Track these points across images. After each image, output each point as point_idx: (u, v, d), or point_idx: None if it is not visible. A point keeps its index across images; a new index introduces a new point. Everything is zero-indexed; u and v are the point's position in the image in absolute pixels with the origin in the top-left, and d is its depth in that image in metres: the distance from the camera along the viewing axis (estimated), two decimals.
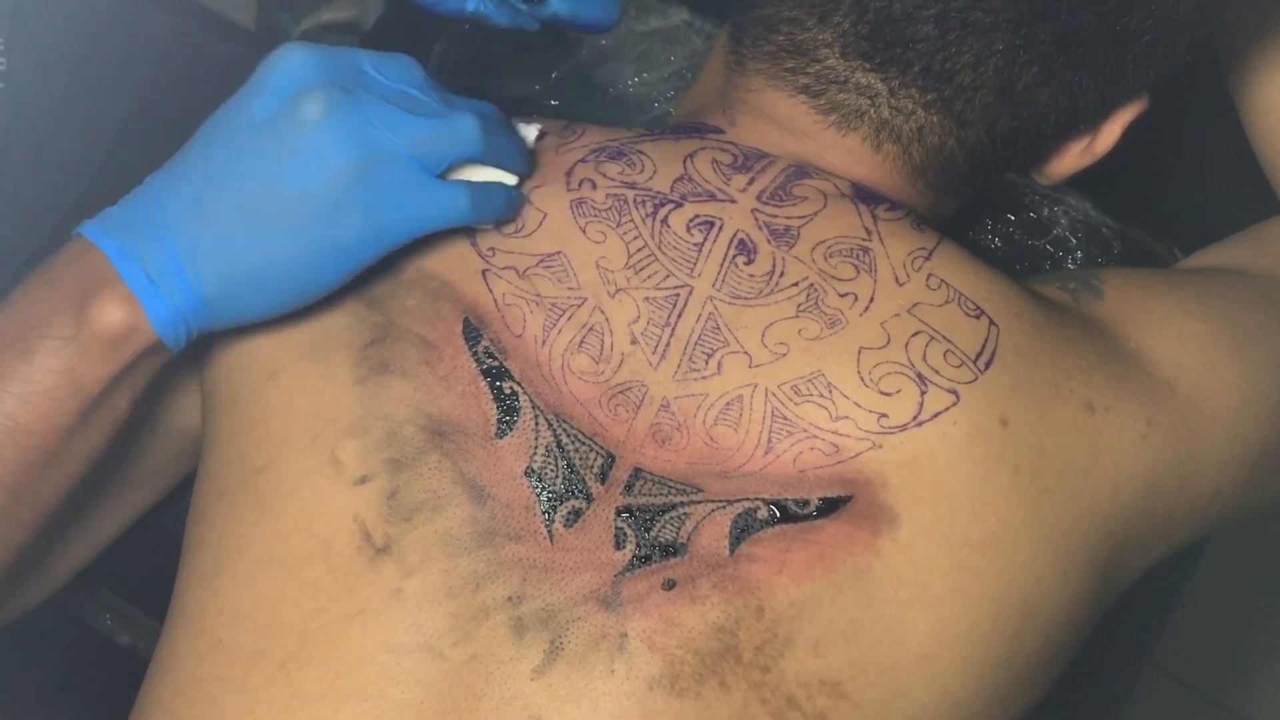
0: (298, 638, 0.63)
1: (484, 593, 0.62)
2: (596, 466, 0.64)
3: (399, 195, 0.63)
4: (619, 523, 0.63)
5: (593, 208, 0.68)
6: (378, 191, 0.63)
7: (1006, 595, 0.64)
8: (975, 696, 0.64)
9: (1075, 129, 0.73)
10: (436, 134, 0.64)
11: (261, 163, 0.62)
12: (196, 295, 0.63)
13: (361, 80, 0.64)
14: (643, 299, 0.66)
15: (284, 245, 0.62)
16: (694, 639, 0.61)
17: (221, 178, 0.62)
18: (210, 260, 0.62)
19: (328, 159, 0.62)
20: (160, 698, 0.66)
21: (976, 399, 0.65)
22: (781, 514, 0.63)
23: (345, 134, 0.62)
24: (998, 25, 0.66)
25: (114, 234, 0.63)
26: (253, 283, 0.63)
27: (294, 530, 0.64)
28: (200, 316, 0.64)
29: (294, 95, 0.62)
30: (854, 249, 0.68)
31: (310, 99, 0.62)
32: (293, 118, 0.62)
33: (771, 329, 0.66)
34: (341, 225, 0.62)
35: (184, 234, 0.62)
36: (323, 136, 0.62)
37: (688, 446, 0.65)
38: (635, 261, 0.67)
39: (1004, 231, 0.95)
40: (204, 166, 0.62)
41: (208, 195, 0.62)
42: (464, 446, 0.64)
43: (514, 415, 0.65)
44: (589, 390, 0.66)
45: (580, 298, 0.66)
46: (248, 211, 0.62)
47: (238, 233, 0.62)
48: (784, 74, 0.71)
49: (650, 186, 0.69)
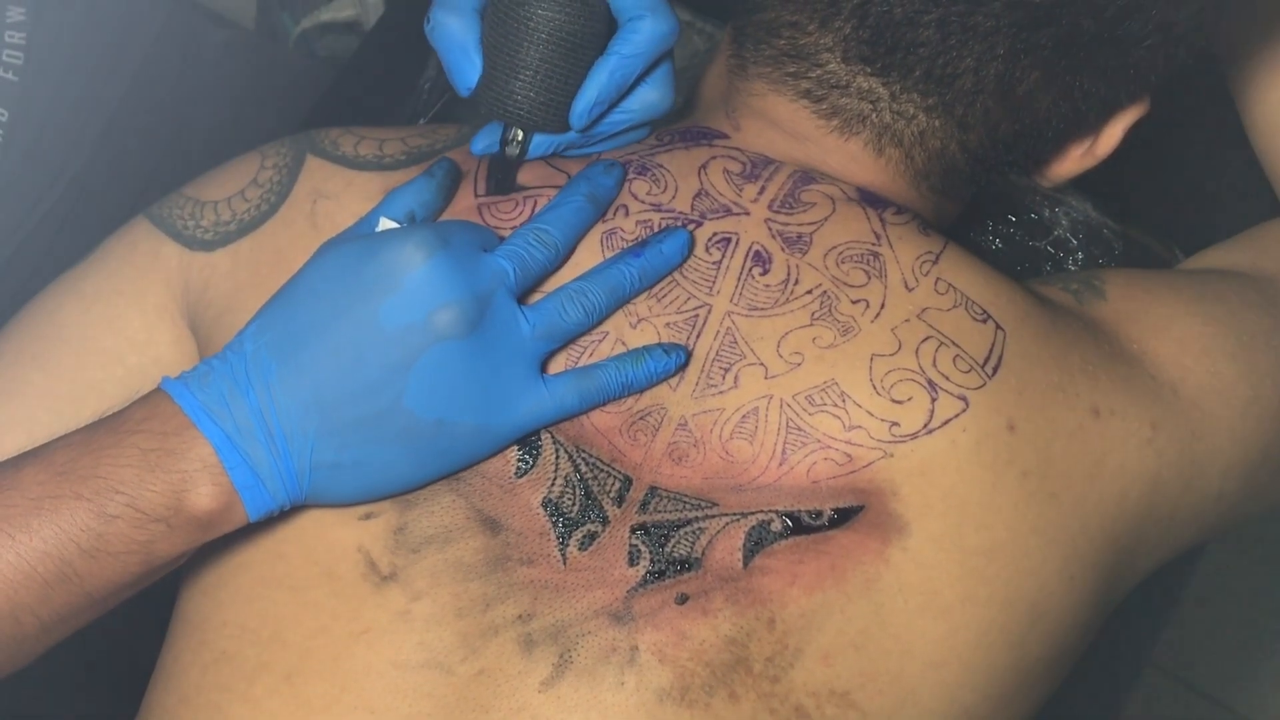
0: (302, 653, 0.62)
1: (494, 612, 0.62)
2: (614, 491, 0.64)
3: (514, 402, 0.62)
4: (633, 540, 0.63)
5: (621, 239, 0.68)
6: (496, 403, 0.62)
7: (1014, 601, 0.64)
8: (983, 702, 0.64)
9: (1076, 132, 0.73)
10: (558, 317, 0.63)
11: (394, 381, 0.60)
12: (301, 492, 0.62)
13: (474, 266, 0.61)
14: (663, 325, 0.66)
15: (402, 454, 0.61)
16: (705, 651, 0.61)
17: (347, 387, 0.60)
18: (323, 467, 0.61)
19: (464, 390, 0.61)
20: (165, 705, 0.66)
21: (985, 405, 0.65)
22: (795, 526, 0.63)
23: (479, 354, 0.60)
24: (999, 30, 0.66)
25: (219, 420, 0.60)
26: (362, 483, 0.62)
27: (296, 555, 0.64)
28: (296, 503, 0.62)
29: (431, 312, 0.60)
30: (864, 254, 0.68)
31: (450, 320, 0.60)
32: (431, 338, 0.60)
33: (787, 338, 0.66)
34: (458, 436, 0.61)
35: (299, 439, 0.60)
36: (462, 362, 0.60)
37: (704, 462, 0.65)
38: (657, 290, 0.67)
39: (1005, 233, 0.95)
40: (328, 370, 0.60)
41: (331, 405, 0.60)
42: (481, 488, 0.64)
43: (535, 455, 0.64)
44: (611, 420, 0.65)
45: (603, 333, 0.66)
46: (372, 426, 0.60)
47: (358, 445, 0.61)
48: (786, 78, 0.71)
49: (674, 207, 0.69)
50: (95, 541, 0.59)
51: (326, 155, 0.73)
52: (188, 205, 0.74)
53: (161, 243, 0.73)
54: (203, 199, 0.74)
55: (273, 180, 0.73)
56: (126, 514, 0.59)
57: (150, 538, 0.59)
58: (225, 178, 0.74)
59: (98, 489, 0.59)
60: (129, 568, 0.60)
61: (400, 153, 0.73)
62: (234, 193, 0.73)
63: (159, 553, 0.60)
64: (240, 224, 0.72)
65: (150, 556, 0.60)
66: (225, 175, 0.75)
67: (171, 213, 0.74)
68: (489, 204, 0.69)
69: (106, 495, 0.59)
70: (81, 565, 0.59)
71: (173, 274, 0.72)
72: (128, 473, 0.59)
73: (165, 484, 0.59)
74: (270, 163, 0.74)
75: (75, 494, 0.58)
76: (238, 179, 0.74)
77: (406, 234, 0.61)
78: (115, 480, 0.59)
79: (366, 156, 0.73)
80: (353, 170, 0.72)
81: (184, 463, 0.59)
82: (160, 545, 0.60)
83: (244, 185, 0.73)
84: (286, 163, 0.73)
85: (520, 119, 0.68)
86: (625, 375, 0.64)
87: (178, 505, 0.59)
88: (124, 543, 0.59)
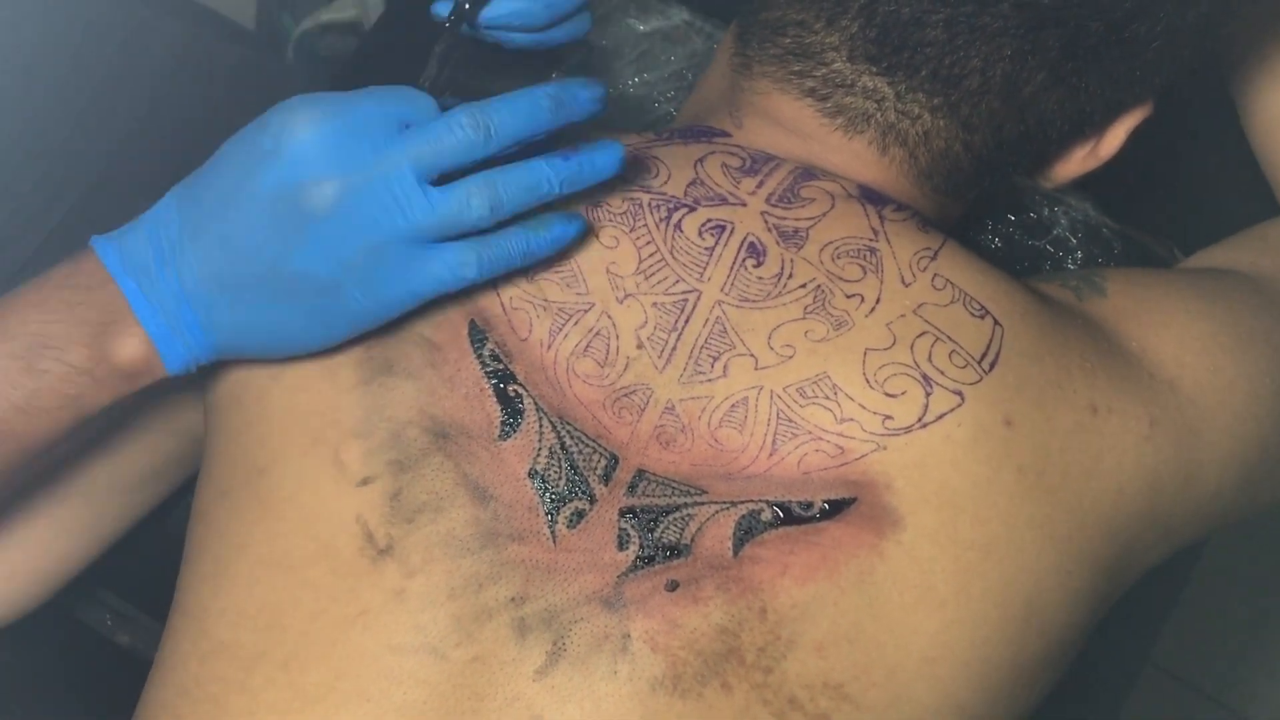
0: (299, 638, 0.63)
1: (486, 593, 0.62)
2: (600, 468, 0.64)
3: (403, 272, 0.62)
4: (622, 524, 0.63)
5: (608, 212, 0.68)
6: (382, 274, 0.62)
7: (1010, 597, 0.64)
8: (978, 698, 0.64)
9: (1080, 134, 0.73)
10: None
11: (271, 243, 0.61)
12: (210, 344, 0.64)
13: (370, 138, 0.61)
14: (651, 304, 0.66)
15: (293, 314, 0.63)
16: (696, 640, 0.61)
17: (234, 247, 0.62)
18: (224, 318, 0.63)
19: (330, 251, 0.61)
20: (163, 699, 0.66)
21: (981, 400, 0.65)
22: (785, 516, 0.63)
23: (348, 226, 0.61)
24: (1007, 31, 0.66)
25: (134, 273, 0.63)
26: (263, 339, 0.64)
27: (296, 532, 0.64)
28: (210, 357, 0.64)
29: (300, 181, 0.61)
30: (861, 249, 0.68)
31: (315, 192, 0.60)
32: (299, 206, 0.61)
33: (778, 331, 0.66)
34: (346, 301, 0.62)
35: (201, 291, 0.62)
36: (326, 230, 0.61)
37: (692, 448, 0.65)
38: (646, 267, 0.67)
39: (1004, 231, 0.95)
40: (218, 228, 0.62)
41: (223, 261, 0.62)
42: (467, 448, 0.64)
43: (518, 418, 0.65)
44: (593, 393, 0.66)
45: (589, 303, 0.66)
46: (259, 282, 0.62)
47: (251, 299, 0.62)
48: (791, 77, 0.71)
49: (665, 191, 0.69)
50: (28, 398, 0.61)
51: None
52: None
53: None
54: None
55: None
56: (55, 368, 0.61)
57: (78, 391, 0.62)
58: None
59: (28, 345, 0.61)
60: (60, 422, 0.63)
61: None
62: None
63: (87, 405, 0.63)
64: None
65: (79, 410, 0.63)
66: None
67: None
68: None
69: (36, 351, 0.61)
70: (17, 422, 0.62)
71: None
72: (55, 328, 0.62)
73: (90, 335, 0.62)
74: None
75: (9, 353, 0.61)
76: None
77: (303, 100, 0.62)
78: (44, 335, 0.62)
79: None
80: None
81: (104, 315, 0.62)
82: (88, 398, 0.63)
83: None
84: None
85: None
86: (527, 241, 0.63)
87: (101, 356, 0.62)
88: (54, 397, 0.62)
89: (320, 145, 0.61)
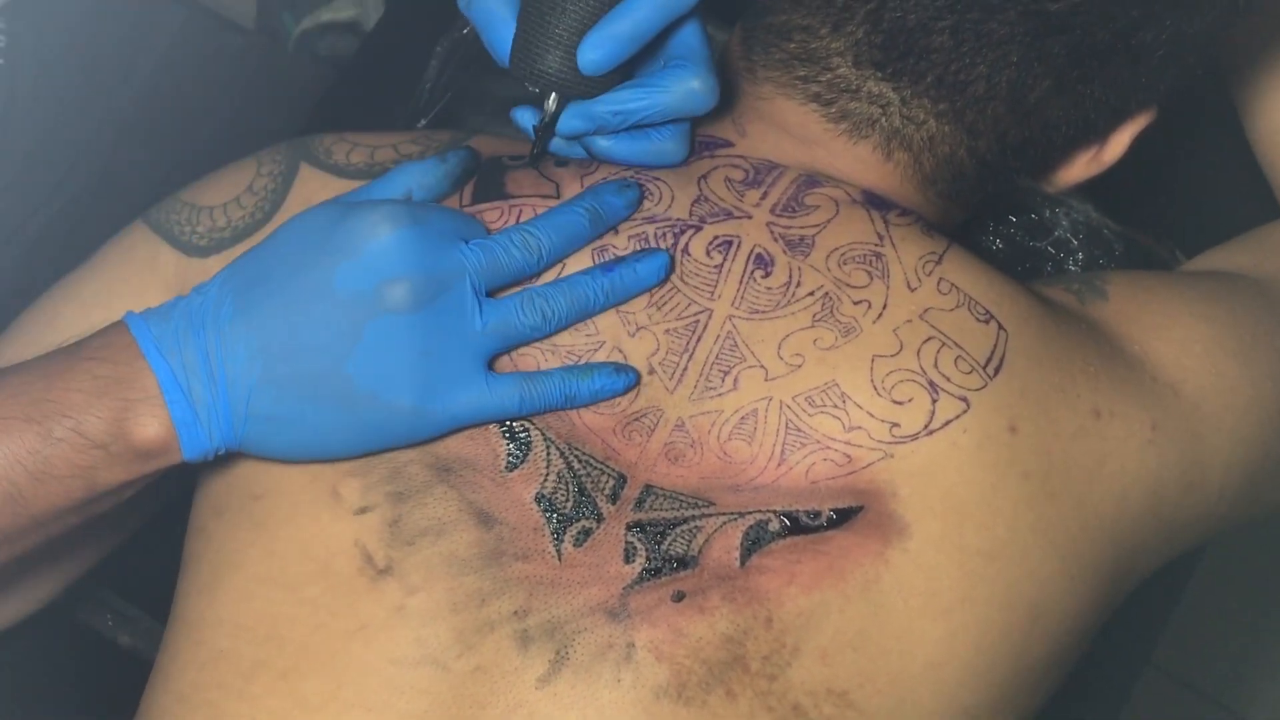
0: (299, 650, 0.63)
1: (489, 608, 0.62)
2: (608, 488, 0.64)
3: (450, 385, 0.62)
4: (629, 538, 0.63)
5: (614, 254, 0.67)
6: (434, 382, 0.62)
7: (1014, 602, 0.64)
8: (982, 703, 0.64)
9: (1084, 140, 0.73)
10: None
11: (339, 342, 0.61)
12: (238, 435, 0.63)
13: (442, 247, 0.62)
14: (664, 331, 0.66)
15: (335, 415, 0.62)
16: (701, 649, 0.61)
17: (292, 343, 0.61)
18: (264, 409, 0.62)
19: (403, 367, 0.61)
20: (163, 705, 0.66)
21: (986, 406, 0.65)
22: (793, 525, 0.63)
23: (418, 328, 0.61)
24: (1013, 38, 0.66)
25: (168, 356, 0.61)
26: (294, 435, 0.63)
27: (292, 552, 0.64)
28: (231, 447, 0.63)
29: (382, 282, 0.61)
30: (867, 254, 0.68)
31: (395, 290, 0.61)
32: (378, 308, 0.61)
33: (788, 341, 0.66)
34: (393, 409, 0.62)
35: (240, 385, 0.61)
36: (405, 339, 0.61)
37: (700, 462, 0.65)
38: (657, 299, 0.67)
39: (1005, 233, 0.95)
40: (277, 323, 0.61)
41: (275, 357, 0.61)
42: (472, 480, 0.64)
43: (525, 450, 0.65)
44: (603, 421, 0.66)
45: (599, 342, 0.66)
46: (310, 384, 0.61)
47: (297, 394, 0.61)
48: (795, 82, 0.71)
49: (670, 215, 0.69)
50: (41, 464, 0.60)
51: (319, 164, 0.74)
52: (184, 210, 0.74)
53: (158, 248, 0.74)
54: (199, 204, 0.74)
55: (267, 188, 0.73)
56: (70, 437, 0.60)
57: (92, 463, 0.61)
58: (222, 183, 0.75)
59: (47, 412, 0.60)
60: (71, 492, 0.61)
61: (391, 160, 0.73)
62: (230, 199, 0.74)
63: (100, 480, 0.62)
64: (234, 231, 0.72)
65: (92, 483, 0.62)
66: (222, 180, 0.75)
67: (169, 218, 0.74)
68: (475, 212, 0.69)
69: (54, 419, 0.60)
70: (27, 487, 0.61)
71: (169, 279, 0.73)
72: (76, 397, 0.61)
73: (109, 410, 0.61)
74: (265, 170, 0.74)
75: (25, 416, 0.60)
76: (234, 185, 0.74)
77: (380, 205, 0.62)
78: (64, 404, 0.61)
79: (358, 165, 0.73)
80: (343, 180, 0.72)
81: (130, 391, 0.61)
82: (101, 472, 0.61)
83: (239, 192, 0.74)
84: (281, 170, 0.74)
85: (552, 84, 0.68)
86: (569, 387, 0.64)
87: (118, 432, 0.61)
88: (67, 466, 0.61)
89: (400, 248, 0.61)
